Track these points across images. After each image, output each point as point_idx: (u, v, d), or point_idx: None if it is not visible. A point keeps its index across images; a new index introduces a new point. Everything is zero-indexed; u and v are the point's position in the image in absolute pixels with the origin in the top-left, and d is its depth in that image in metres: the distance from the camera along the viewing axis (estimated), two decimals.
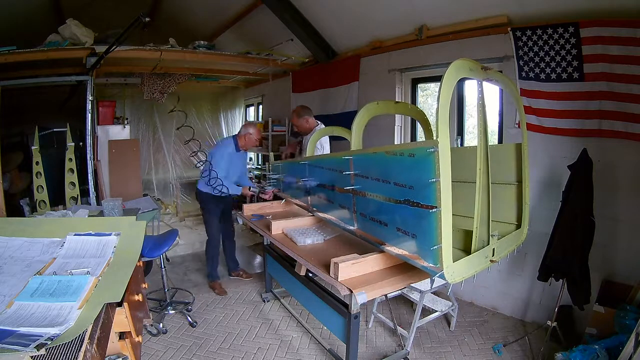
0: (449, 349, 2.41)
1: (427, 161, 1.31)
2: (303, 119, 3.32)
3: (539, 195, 2.55)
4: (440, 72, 3.23)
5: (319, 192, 2.37)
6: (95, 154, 4.01)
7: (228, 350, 2.40)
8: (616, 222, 2.31)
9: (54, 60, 3.51)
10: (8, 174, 4.10)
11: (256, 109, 6.73)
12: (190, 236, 4.89)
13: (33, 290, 0.97)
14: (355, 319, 1.79)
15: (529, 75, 2.54)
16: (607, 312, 2.07)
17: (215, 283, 3.29)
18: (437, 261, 1.36)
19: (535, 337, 2.40)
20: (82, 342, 0.80)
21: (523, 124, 1.95)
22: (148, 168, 6.13)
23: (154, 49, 3.79)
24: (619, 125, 2.23)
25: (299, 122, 3.34)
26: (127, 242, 1.33)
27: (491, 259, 1.62)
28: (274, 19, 4.01)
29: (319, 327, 2.61)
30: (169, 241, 2.64)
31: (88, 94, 3.68)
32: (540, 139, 2.53)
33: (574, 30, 2.28)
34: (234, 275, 3.49)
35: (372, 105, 2.23)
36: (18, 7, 3.88)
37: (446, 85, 1.29)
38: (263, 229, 2.62)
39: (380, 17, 3.42)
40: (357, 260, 1.75)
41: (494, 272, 2.80)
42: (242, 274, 3.51)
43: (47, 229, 1.38)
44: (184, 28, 5.46)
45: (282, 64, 4.76)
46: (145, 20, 2.51)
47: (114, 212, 2.61)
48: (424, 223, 1.38)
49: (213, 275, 3.33)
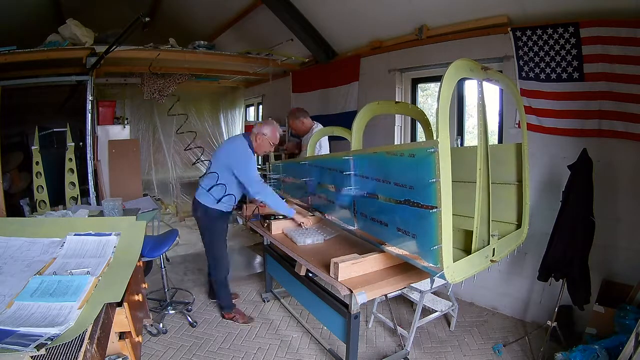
0: (449, 349, 2.41)
1: (427, 161, 1.31)
2: (299, 121, 3.35)
3: (539, 195, 2.55)
4: (440, 72, 3.22)
5: (319, 192, 2.37)
6: (95, 154, 4.01)
7: (228, 350, 2.40)
8: (616, 222, 2.31)
9: (54, 60, 3.51)
10: (8, 174, 4.11)
11: (256, 109, 6.73)
12: (190, 236, 4.89)
13: (33, 290, 0.97)
14: (355, 319, 1.79)
15: (529, 75, 2.54)
16: (607, 312, 2.07)
17: (235, 312, 2.75)
18: (437, 261, 1.36)
19: (535, 337, 2.40)
20: (82, 342, 0.79)
21: (523, 124, 1.95)
22: (148, 168, 6.12)
23: (154, 49, 3.79)
24: (619, 125, 2.24)
25: (295, 124, 3.37)
26: (127, 242, 1.33)
27: (491, 259, 1.62)
28: (274, 19, 4.00)
29: (319, 327, 2.61)
30: (169, 241, 2.64)
31: (88, 94, 3.68)
32: (540, 139, 2.53)
33: (574, 30, 2.28)
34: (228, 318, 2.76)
35: (372, 105, 2.23)
36: (18, 7, 3.88)
37: (446, 85, 1.29)
38: (263, 229, 2.62)
39: (380, 17, 3.42)
40: (357, 260, 1.75)
41: (494, 272, 2.79)
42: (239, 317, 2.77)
43: (47, 229, 1.38)
44: (183, 28, 5.46)
45: (282, 64, 4.76)
46: (145, 20, 2.52)
47: (114, 212, 2.61)
48: (424, 223, 1.38)
49: (229, 306, 2.76)
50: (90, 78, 3.69)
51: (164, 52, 3.84)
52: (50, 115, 4.90)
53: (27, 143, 4.65)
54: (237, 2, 4.41)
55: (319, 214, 2.40)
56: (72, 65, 3.75)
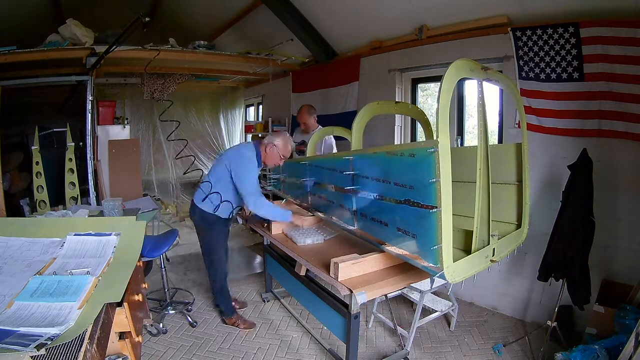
0: (449, 349, 2.41)
1: (428, 161, 1.31)
2: (313, 117, 3.43)
3: (539, 195, 2.55)
4: (440, 72, 3.22)
5: (319, 192, 2.37)
6: (95, 154, 4.01)
7: (228, 350, 2.40)
8: (616, 222, 2.31)
9: (54, 60, 3.51)
10: (8, 174, 4.11)
11: (256, 109, 6.74)
12: (190, 236, 4.88)
13: (33, 290, 0.97)
14: (355, 319, 1.79)
15: (529, 75, 2.54)
16: (607, 312, 2.07)
17: (235, 318, 2.70)
18: (437, 261, 1.36)
19: (535, 337, 2.40)
20: (82, 342, 0.79)
21: (523, 124, 1.95)
22: (148, 168, 6.12)
23: (154, 49, 3.79)
24: (619, 125, 2.23)
25: (309, 119, 3.42)
26: (127, 242, 1.33)
27: (491, 259, 1.62)
28: (274, 19, 4.01)
29: (319, 327, 2.61)
30: (169, 241, 2.64)
31: (88, 94, 3.68)
32: (540, 139, 2.53)
33: (574, 30, 2.28)
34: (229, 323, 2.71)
35: (372, 105, 2.23)
36: (18, 7, 3.88)
37: (446, 85, 1.29)
38: (263, 229, 2.62)
39: (380, 17, 3.42)
40: (357, 260, 1.75)
41: (494, 272, 2.79)
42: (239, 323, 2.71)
43: (47, 229, 1.38)
44: (183, 28, 5.46)
45: (282, 64, 4.76)
46: (145, 20, 2.51)
47: (114, 212, 2.61)
48: (425, 223, 1.38)
49: (229, 311, 2.71)
50: (90, 78, 3.69)
51: (164, 52, 3.83)
52: (50, 115, 4.90)
53: (27, 143, 4.65)
54: (237, 2, 4.41)
55: (319, 214, 2.40)
56: (72, 65, 3.75)
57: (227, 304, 2.71)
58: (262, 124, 5.69)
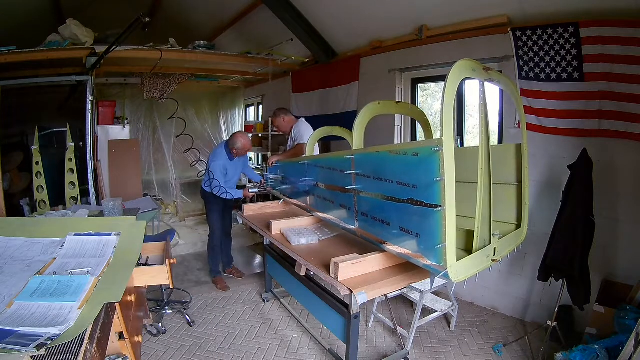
0: (449, 349, 2.41)
1: (432, 160, 1.30)
2: (280, 119, 3.43)
3: (539, 195, 2.55)
4: (440, 72, 3.23)
5: (318, 191, 2.37)
6: (95, 154, 4.01)
7: (228, 350, 2.40)
8: (616, 222, 2.31)
9: (54, 60, 3.51)
10: (8, 174, 4.10)
11: (256, 109, 6.73)
12: (190, 236, 4.89)
13: (33, 290, 0.97)
14: (355, 319, 1.79)
15: (529, 75, 2.54)
16: (607, 312, 2.07)
17: (218, 278, 3.35)
18: (440, 260, 1.36)
19: (535, 337, 2.40)
20: (82, 342, 0.79)
21: (523, 124, 1.95)
22: (148, 168, 6.12)
23: (154, 49, 3.79)
24: (619, 125, 2.23)
25: (277, 122, 3.45)
26: (127, 242, 1.33)
27: (493, 258, 1.62)
28: (274, 19, 4.01)
29: (319, 327, 2.61)
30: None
31: (88, 94, 3.69)
32: (540, 139, 2.53)
33: (574, 30, 2.28)
34: (227, 273, 3.52)
35: (373, 105, 2.23)
36: (18, 7, 3.88)
37: (450, 85, 1.29)
38: (263, 229, 2.61)
39: (380, 17, 3.42)
40: (357, 260, 1.75)
41: (494, 272, 2.79)
42: (235, 273, 3.54)
43: (47, 229, 1.38)
44: (184, 28, 5.46)
45: (282, 64, 4.76)
46: (145, 20, 2.51)
47: (114, 212, 2.62)
48: (428, 222, 1.38)
49: (215, 271, 3.39)
50: (90, 78, 3.69)
51: (164, 52, 3.84)
52: (50, 115, 4.91)
53: (27, 143, 4.64)
54: (237, 2, 4.41)
55: (318, 214, 2.40)
56: (72, 65, 3.76)
57: (215, 264, 3.39)
58: (262, 124, 5.68)
